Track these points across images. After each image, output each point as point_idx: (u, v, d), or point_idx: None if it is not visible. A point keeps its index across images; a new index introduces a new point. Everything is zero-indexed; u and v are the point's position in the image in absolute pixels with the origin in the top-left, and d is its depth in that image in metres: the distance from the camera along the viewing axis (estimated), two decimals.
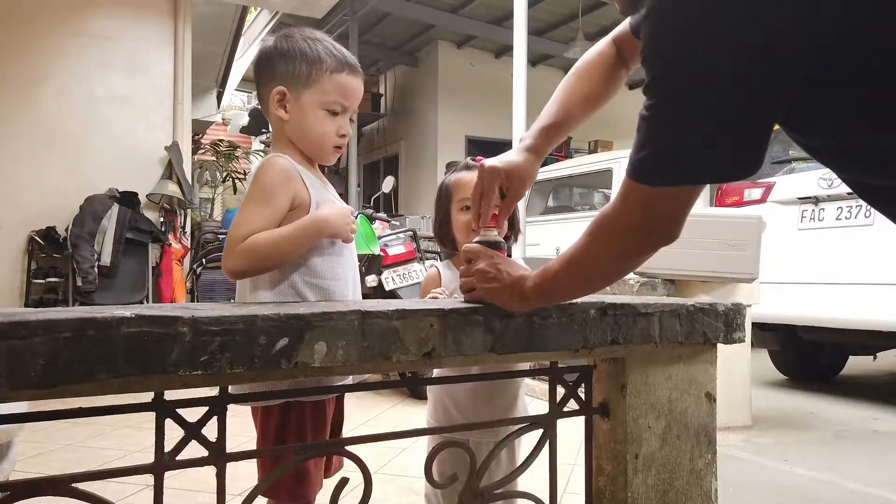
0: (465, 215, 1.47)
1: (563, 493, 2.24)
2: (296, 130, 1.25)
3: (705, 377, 1.15)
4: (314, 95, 1.23)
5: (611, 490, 1.10)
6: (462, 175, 1.51)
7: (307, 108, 1.23)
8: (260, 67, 1.28)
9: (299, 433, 1.17)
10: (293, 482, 1.17)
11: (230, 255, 1.14)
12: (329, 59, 1.23)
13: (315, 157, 1.30)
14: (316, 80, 1.23)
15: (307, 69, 1.22)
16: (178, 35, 5.81)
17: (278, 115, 1.24)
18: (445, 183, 1.54)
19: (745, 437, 3.19)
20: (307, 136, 1.25)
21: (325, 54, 1.23)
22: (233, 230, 1.15)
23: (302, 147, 1.27)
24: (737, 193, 4.35)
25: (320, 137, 1.26)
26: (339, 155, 1.33)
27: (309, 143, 1.26)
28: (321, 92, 1.23)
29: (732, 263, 3.12)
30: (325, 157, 1.30)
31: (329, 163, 1.33)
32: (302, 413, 1.18)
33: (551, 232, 6.76)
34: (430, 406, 1.51)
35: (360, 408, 3.64)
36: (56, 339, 0.67)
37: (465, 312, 0.92)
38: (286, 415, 1.17)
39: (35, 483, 0.75)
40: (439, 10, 9.02)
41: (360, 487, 0.93)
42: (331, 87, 1.24)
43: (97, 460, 2.75)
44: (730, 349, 1.26)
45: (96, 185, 5.27)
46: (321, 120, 1.24)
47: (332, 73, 1.23)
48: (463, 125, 9.83)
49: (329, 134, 1.26)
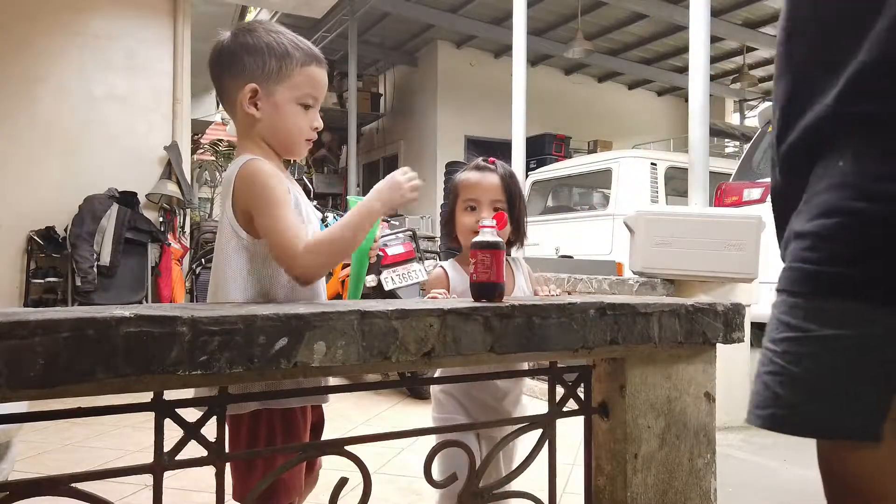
0: (469, 217, 1.47)
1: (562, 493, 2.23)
2: (269, 128, 1.22)
3: (704, 377, 1.15)
4: (287, 91, 1.21)
5: (610, 490, 1.11)
6: (471, 175, 1.50)
7: (281, 105, 1.21)
8: (224, 64, 1.23)
9: (270, 441, 1.15)
10: (271, 488, 1.14)
11: (299, 262, 1.09)
12: (297, 52, 1.21)
13: (286, 153, 1.28)
14: (287, 75, 1.20)
15: (277, 64, 1.20)
16: (178, 35, 5.81)
17: (249, 113, 1.21)
18: (455, 180, 1.52)
19: (745, 436, 3.19)
20: (281, 132, 1.23)
21: (292, 48, 1.21)
22: (282, 239, 1.10)
23: (273, 143, 1.24)
24: (736, 193, 4.35)
25: (295, 133, 1.24)
26: (310, 147, 1.31)
27: (282, 139, 1.24)
28: (293, 87, 1.21)
29: (732, 263, 3.12)
30: (298, 152, 1.28)
31: (300, 156, 1.32)
32: (271, 420, 1.16)
33: (551, 232, 6.76)
34: (438, 402, 1.50)
35: (360, 408, 3.64)
36: (55, 339, 0.67)
37: (464, 312, 0.92)
38: (257, 423, 1.15)
39: (34, 483, 0.75)
40: (439, 10, 9.02)
41: (360, 487, 0.93)
42: (302, 80, 1.22)
43: (96, 460, 2.74)
44: (729, 349, 1.26)
45: (95, 185, 5.27)
46: (295, 115, 1.22)
47: (301, 66, 1.21)
48: (462, 125, 9.83)
49: (303, 128, 1.24)
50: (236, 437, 1.15)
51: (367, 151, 11.88)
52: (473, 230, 1.45)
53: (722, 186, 4.51)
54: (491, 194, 1.47)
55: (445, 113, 9.85)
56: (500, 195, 1.48)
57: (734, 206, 4.27)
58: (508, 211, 1.48)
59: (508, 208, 1.49)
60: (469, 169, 1.52)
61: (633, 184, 6.22)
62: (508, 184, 1.49)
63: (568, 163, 7.70)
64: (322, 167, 10.86)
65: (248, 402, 1.13)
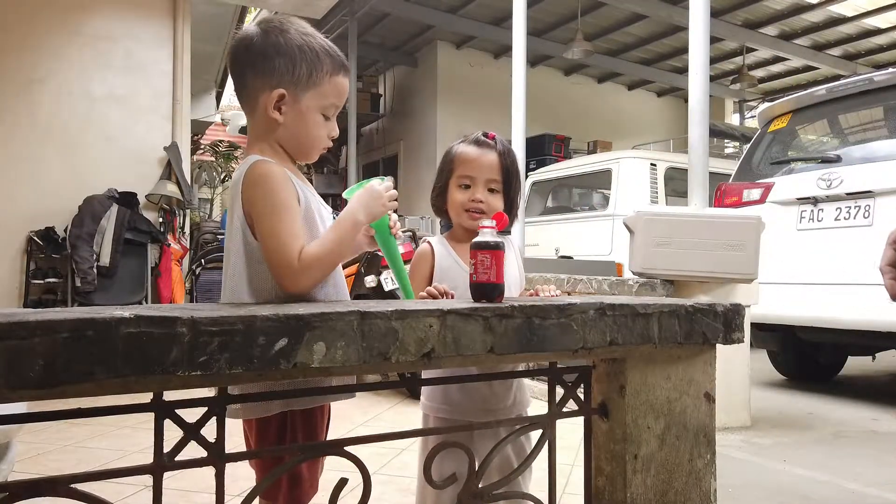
0: (462, 194, 1.42)
1: (562, 494, 2.24)
2: (290, 134, 1.20)
3: (704, 377, 1.15)
4: (313, 99, 1.18)
5: (610, 490, 1.10)
6: (469, 150, 1.44)
7: (306, 113, 1.18)
8: (252, 62, 1.18)
9: (294, 440, 1.17)
10: (289, 486, 1.17)
11: (295, 275, 1.08)
12: (328, 59, 1.19)
13: (300, 158, 1.25)
14: (316, 83, 1.18)
15: (307, 70, 1.17)
16: (178, 35, 5.82)
17: (272, 118, 1.17)
18: (451, 152, 1.47)
19: (744, 437, 3.19)
20: (301, 139, 1.21)
21: (323, 54, 1.19)
22: (282, 247, 1.08)
23: (289, 148, 1.22)
24: (736, 194, 4.35)
25: (314, 141, 1.22)
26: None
27: (301, 146, 1.22)
28: (321, 95, 1.19)
29: (731, 264, 3.12)
30: (312, 158, 1.26)
31: (313, 161, 1.30)
32: (294, 420, 1.18)
33: (550, 232, 6.76)
34: (432, 394, 1.47)
35: (359, 408, 3.64)
36: (55, 340, 0.67)
37: (464, 313, 0.92)
38: (281, 429, 1.17)
39: (34, 483, 0.75)
40: (439, 11, 9.02)
41: (359, 488, 0.93)
42: (329, 89, 1.20)
43: (96, 461, 2.74)
44: (729, 349, 1.26)
45: (95, 186, 5.27)
46: (317, 124, 1.21)
47: (331, 75, 1.19)
48: (462, 125, 9.81)
49: (322, 137, 1.22)
50: (265, 437, 1.17)
51: (367, 152, 11.87)
52: (465, 208, 1.42)
53: (721, 187, 4.51)
54: (487, 173, 1.42)
55: (445, 113, 9.86)
56: (497, 174, 1.43)
57: (734, 207, 4.27)
58: (504, 189, 1.44)
59: (504, 187, 1.44)
60: (468, 142, 1.46)
61: (633, 184, 6.22)
62: (506, 162, 1.44)
63: (568, 163, 7.70)
64: (322, 167, 10.86)
65: (273, 405, 1.15)
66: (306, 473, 1.19)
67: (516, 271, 1.52)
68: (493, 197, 1.43)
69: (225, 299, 1.20)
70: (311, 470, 1.21)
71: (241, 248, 1.17)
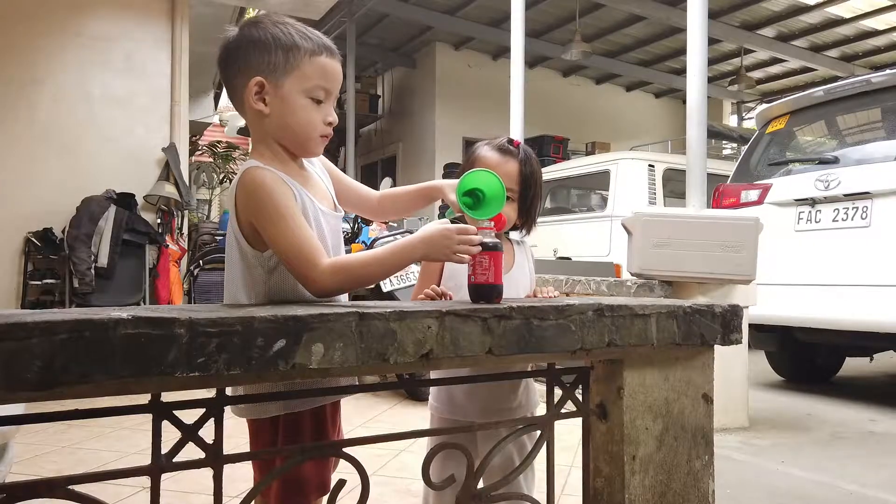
0: None
1: (560, 495, 2.24)
2: (278, 124, 1.16)
3: (702, 378, 1.15)
4: (295, 82, 1.14)
5: (608, 491, 1.10)
6: (491, 156, 1.45)
7: (289, 97, 1.14)
8: (230, 60, 1.17)
9: (303, 440, 1.17)
10: (291, 489, 1.16)
11: (318, 280, 1.07)
12: (305, 42, 1.15)
13: (301, 151, 1.22)
14: (295, 66, 1.14)
15: (284, 55, 1.13)
16: (176, 36, 5.81)
17: (258, 110, 1.15)
18: (474, 154, 1.47)
19: (743, 438, 3.20)
20: (291, 128, 1.16)
21: (300, 38, 1.15)
22: (296, 254, 1.07)
23: (285, 142, 1.19)
24: (734, 195, 4.36)
25: (306, 128, 1.17)
26: (325, 144, 1.23)
27: (294, 135, 1.18)
28: (302, 77, 1.14)
29: (729, 265, 3.12)
30: (312, 149, 1.21)
31: (316, 154, 1.25)
32: (302, 421, 1.18)
33: (549, 233, 6.76)
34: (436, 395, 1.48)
35: (358, 409, 3.64)
36: (53, 341, 0.67)
37: (462, 314, 0.92)
38: (275, 431, 1.17)
39: (31, 485, 0.75)
40: (437, 12, 9.03)
41: (358, 490, 0.93)
42: (311, 70, 1.15)
43: (94, 462, 2.74)
44: (727, 350, 1.26)
45: (93, 187, 5.26)
46: (305, 109, 1.15)
47: (311, 56, 1.15)
48: (460, 127, 9.84)
49: (315, 123, 1.17)
50: (260, 438, 1.18)
51: (365, 153, 11.88)
52: None
53: (720, 188, 4.51)
54: (505, 182, 1.45)
55: (444, 114, 9.86)
56: (514, 184, 1.44)
57: (732, 208, 4.28)
58: (521, 197, 1.45)
59: (520, 196, 1.45)
60: (492, 148, 1.48)
61: (631, 185, 6.23)
62: (525, 171, 1.46)
63: (566, 164, 7.70)
64: None
65: (270, 407, 1.15)
66: (312, 476, 1.17)
67: (527, 274, 1.54)
68: (507, 205, 1.44)
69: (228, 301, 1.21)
70: (318, 472, 1.19)
71: (238, 255, 1.17)
